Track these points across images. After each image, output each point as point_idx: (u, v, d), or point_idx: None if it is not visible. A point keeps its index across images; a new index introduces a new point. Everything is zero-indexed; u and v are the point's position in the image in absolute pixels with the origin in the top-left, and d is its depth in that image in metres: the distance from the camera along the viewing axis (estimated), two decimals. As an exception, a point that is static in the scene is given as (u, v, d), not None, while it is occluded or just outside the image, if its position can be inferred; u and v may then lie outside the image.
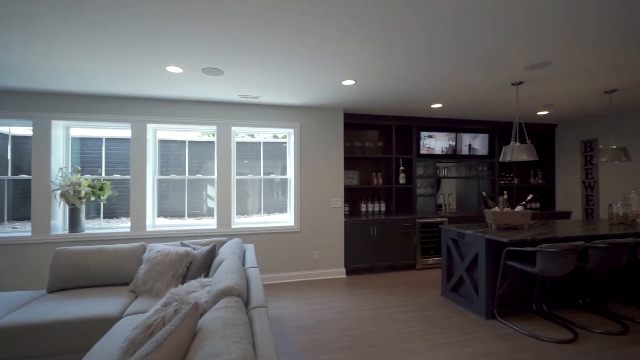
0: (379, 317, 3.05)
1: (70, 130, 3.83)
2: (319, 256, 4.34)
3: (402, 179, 4.92)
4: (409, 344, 2.55)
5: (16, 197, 3.76)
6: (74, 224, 3.63)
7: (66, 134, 3.80)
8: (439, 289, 3.86)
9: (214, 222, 4.15)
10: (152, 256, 2.64)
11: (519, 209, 3.38)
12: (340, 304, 3.39)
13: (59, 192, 3.53)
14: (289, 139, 4.44)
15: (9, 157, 3.72)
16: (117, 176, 3.97)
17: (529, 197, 3.55)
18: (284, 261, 4.23)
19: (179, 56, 2.55)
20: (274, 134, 4.45)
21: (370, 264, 4.50)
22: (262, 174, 4.43)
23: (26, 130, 3.80)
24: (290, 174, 4.38)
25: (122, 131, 4.02)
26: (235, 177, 4.21)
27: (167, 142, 4.18)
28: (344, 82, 3.24)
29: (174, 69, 2.83)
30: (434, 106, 4.23)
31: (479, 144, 5.26)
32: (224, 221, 4.04)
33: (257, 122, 4.15)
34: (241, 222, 4.31)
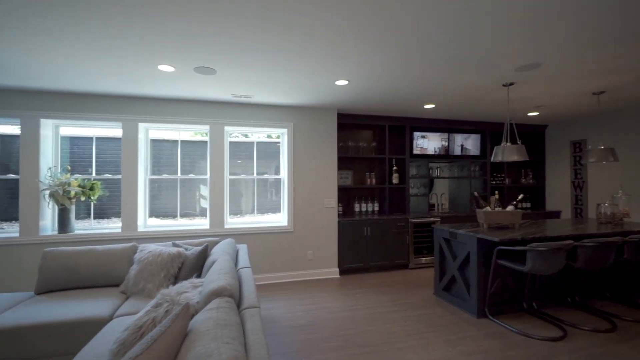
0: (372, 317, 3.07)
1: (59, 129, 3.76)
2: (313, 256, 4.34)
3: (395, 179, 4.95)
4: (402, 343, 2.56)
5: (4, 197, 3.69)
6: (63, 225, 3.57)
7: (55, 132, 3.73)
8: (431, 288, 3.89)
9: (206, 222, 4.12)
10: (143, 257, 2.61)
11: (510, 208, 3.43)
12: (333, 304, 3.40)
13: (47, 192, 3.47)
14: (283, 138, 4.43)
15: (-4, 156, 3.65)
16: (108, 176, 3.92)
17: (519, 197, 3.60)
18: (278, 261, 4.22)
19: (171, 55, 2.53)
20: (268, 133, 4.43)
21: (363, 263, 4.51)
22: (256, 174, 4.42)
23: (14, 129, 3.72)
24: (283, 173, 4.37)
25: (113, 130, 3.96)
26: (228, 177, 4.19)
27: (159, 142, 4.14)
28: (338, 82, 3.24)
29: (166, 68, 2.80)
30: (427, 106, 4.27)
31: (471, 144, 5.31)
32: (216, 221, 4.01)
33: (250, 122, 4.13)
34: (234, 222, 4.29)
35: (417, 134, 5.02)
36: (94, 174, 3.89)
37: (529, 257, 2.66)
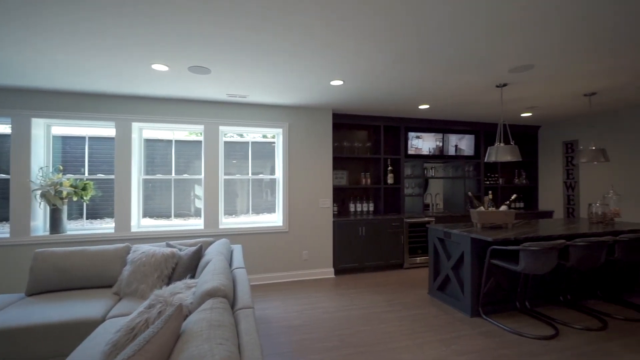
0: (367, 317, 3.07)
1: (51, 128, 3.72)
2: (308, 256, 4.34)
3: (390, 179, 4.96)
4: (396, 343, 2.57)
5: (-6, 197, 3.63)
6: (55, 225, 3.52)
7: (47, 132, 3.69)
8: (426, 288, 3.91)
9: (201, 223, 4.10)
10: (136, 257, 2.59)
11: (504, 208, 3.46)
12: (328, 304, 3.40)
13: (39, 192, 3.42)
14: (278, 138, 4.42)
15: (-14, 156, 3.59)
16: (101, 176, 3.88)
17: (513, 197, 3.63)
18: (273, 261, 4.21)
19: (165, 54, 2.51)
20: (263, 133, 4.42)
21: (358, 263, 4.52)
22: (251, 174, 4.40)
23: (5, 128, 3.67)
24: (279, 173, 4.36)
25: (106, 130, 3.92)
26: (223, 177, 4.17)
27: (153, 141, 4.11)
28: (333, 83, 3.24)
29: (160, 67, 2.78)
30: (422, 107, 4.29)
31: (465, 144, 5.35)
32: (211, 221, 3.99)
33: (245, 122, 4.11)
34: (229, 222, 4.27)
35: (411, 134, 5.04)
36: (86, 174, 3.85)
37: (522, 256, 2.69)
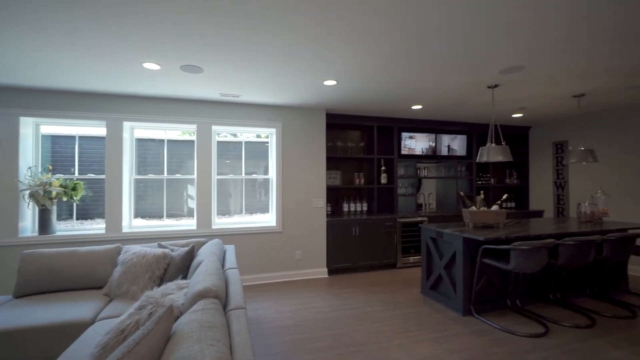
0: (361, 316, 3.08)
1: (40, 127, 3.65)
2: (301, 256, 4.34)
3: (383, 179, 4.98)
4: (389, 342, 2.58)
5: (-20, 197, 3.55)
6: (44, 226, 3.46)
7: (36, 131, 3.62)
8: (419, 287, 3.93)
9: (193, 223, 4.07)
10: (127, 258, 2.56)
11: (495, 208, 3.50)
12: (322, 304, 3.40)
13: (27, 192, 3.36)
14: (271, 138, 4.41)
15: (-27, 155, 3.51)
16: (91, 176, 3.82)
17: (504, 197, 3.67)
18: (266, 262, 4.20)
19: (157, 53, 2.48)
20: (256, 133, 4.40)
21: (352, 263, 4.53)
22: (244, 174, 4.38)
23: (-8, 127, 3.59)
24: (272, 173, 4.35)
25: (96, 129, 3.87)
26: (216, 177, 4.14)
27: (145, 141, 4.06)
28: (326, 82, 3.24)
29: (151, 66, 2.75)
30: (415, 107, 4.31)
31: (458, 144, 5.40)
32: (204, 222, 3.96)
33: (238, 121, 4.09)
34: (222, 222, 4.24)
35: (405, 135, 5.07)
36: (76, 174, 3.79)
37: (513, 255, 2.72)
